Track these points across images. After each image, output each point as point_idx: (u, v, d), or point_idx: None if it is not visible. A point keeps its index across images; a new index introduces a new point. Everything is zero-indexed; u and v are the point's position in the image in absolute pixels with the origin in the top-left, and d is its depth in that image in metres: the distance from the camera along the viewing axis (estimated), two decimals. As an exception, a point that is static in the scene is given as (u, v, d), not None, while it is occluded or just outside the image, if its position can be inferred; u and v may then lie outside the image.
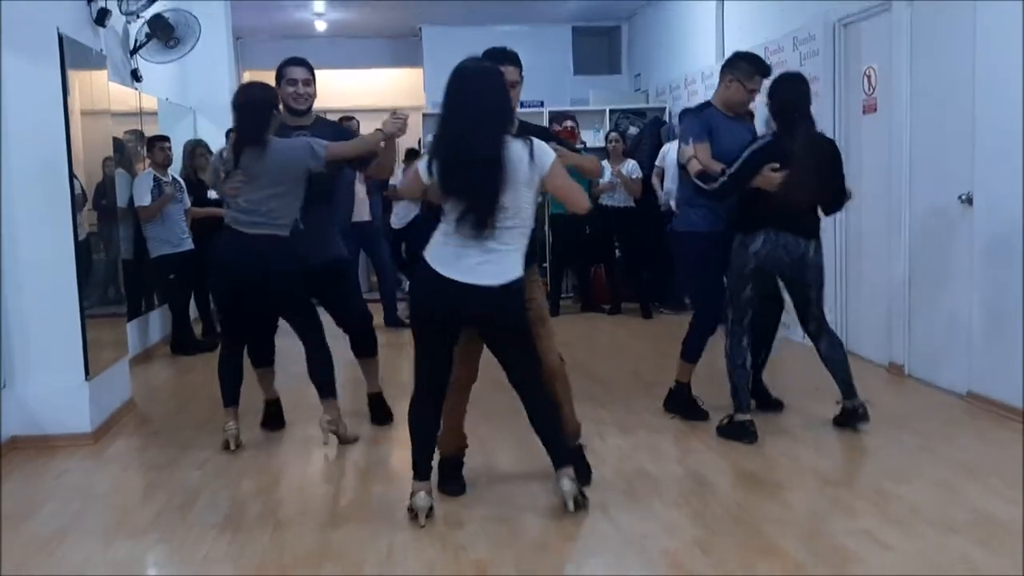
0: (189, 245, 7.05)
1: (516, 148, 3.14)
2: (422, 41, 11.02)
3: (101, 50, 5.21)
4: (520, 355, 3.34)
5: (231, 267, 4.16)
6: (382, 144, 4.23)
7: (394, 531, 3.31)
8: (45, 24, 4.45)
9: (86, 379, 4.64)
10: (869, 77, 5.80)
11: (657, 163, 8.33)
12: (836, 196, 4.39)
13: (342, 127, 4.81)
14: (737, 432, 4.26)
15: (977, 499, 3.48)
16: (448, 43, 10.88)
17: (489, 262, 3.15)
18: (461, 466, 3.75)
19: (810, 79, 6.19)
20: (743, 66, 4.52)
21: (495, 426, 4.45)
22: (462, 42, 11.13)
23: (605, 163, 8.15)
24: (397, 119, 4.17)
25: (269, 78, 13.57)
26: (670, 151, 8.20)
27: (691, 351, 4.67)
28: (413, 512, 3.33)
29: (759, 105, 4.64)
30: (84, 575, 3.07)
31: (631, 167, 8.19)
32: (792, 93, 4.21)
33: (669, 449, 4.27)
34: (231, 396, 4.42)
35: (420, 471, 3.37)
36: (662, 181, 8.22)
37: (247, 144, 4.04)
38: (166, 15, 6.75)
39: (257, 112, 4.05)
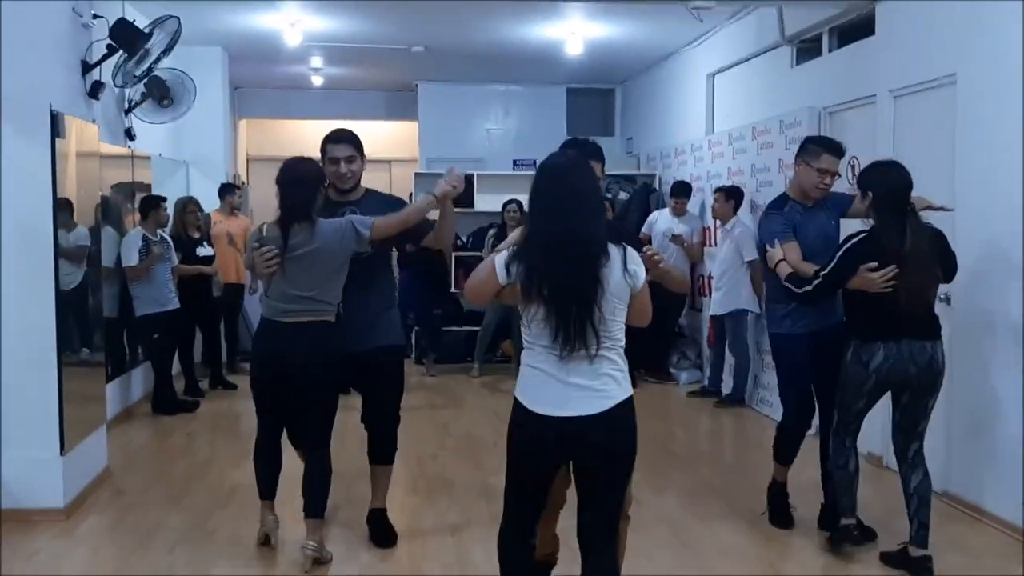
0: (175, 304, 7.05)
1: (613, 254, 2.79)
2: (418, 96, 11.12)
3: (94, 120, 5.25)
4: (608, 495, 2.88)
5: (271, 363, 3.89)
6: (434, 208, 3.91)
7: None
8: (38, 102, 4.49)
9: (60, 454, 4.62)
10: (853, 167, 5.87)
11: (643, 230, 8.40)
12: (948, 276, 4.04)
13: (396, 200, 4.31)
14: (841, 536, 4.04)
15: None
16: (444, 99, 11.07)
17: (589, 387, 2.76)
18: (549, 572, 3.48)
19: (792, 165, 6.34)
20: (809, 147, 4.25)
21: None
22: (457, 99, 11.39)
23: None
24: (453, 177, 3.81)
25: (266, 127, 13.77)
26: (658, 219, 8.31)
27: (781, 454, 4.45)
28: None
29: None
30: None
31: (619, 236, 8.24)
32: (892, 182, 3.82)
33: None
34: (268, 489, 4.10)
35: None
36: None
37: (294, 221, 3.78)
38: (162, 75, 6.80)
39: (304, 188, 3.79)
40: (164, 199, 7.08)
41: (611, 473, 2.86)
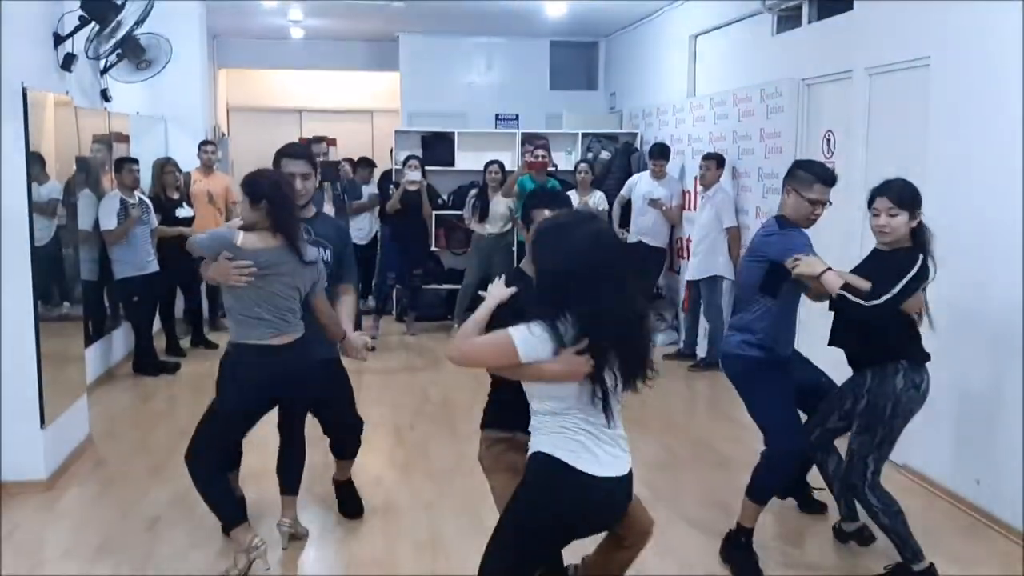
0: (154, 267, 7.08)
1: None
2: (399, 48, 11.01)
3: (67, 92, 5.21)
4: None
5: (271, 390, 3.79)
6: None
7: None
8: (9, 79, 4.46)
9: (41, 427, 4.70)
10: (829, 140, 5.91)
11: (623, 192, 8.44)
12: None
13: (346, 238, 4.30)
14: None
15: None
16: (425, 51, 10.98)
17: (617, 448, 2.70)
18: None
19: (774, 135, 6.40)
20: (800, 175, 3.90)
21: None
22: (439, 51, 11.32)
23: (572, 193, 8.24)
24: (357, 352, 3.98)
25: (246, 77, 13.58)
26: (638, 182, 8.34)
27: (760, 492, 3.97)
28: None
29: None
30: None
31: (598, 199, 8.28)
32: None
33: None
34: (240, 512, 3.89)
35: None
36: (625, 211, 8.35)
37: (297, 239, 3.68)
38: (138, 36, 6.71)
39: (291, 207, 3.70)
40: (134, 160, 7.04)
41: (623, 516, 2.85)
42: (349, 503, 4.49)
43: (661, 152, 8.12)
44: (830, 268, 3.63)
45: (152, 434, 5.70)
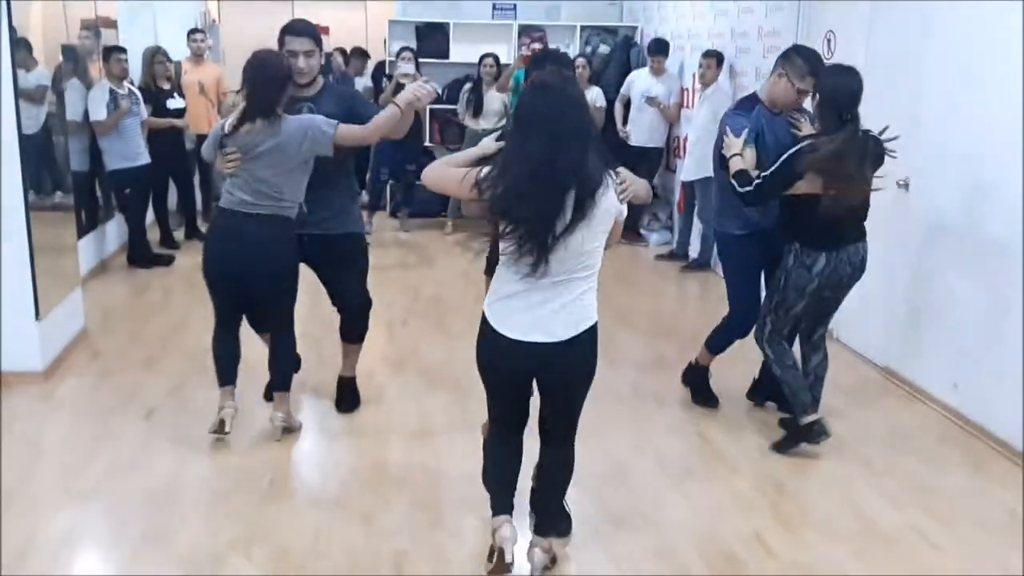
0: (146, 159, 7.04)
1: (606, 183, 2.77)
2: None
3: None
4: (568, 408, 3.03)
5: (229, 256, 3.89)
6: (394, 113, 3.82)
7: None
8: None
9: (36, 319, 4.76)
10: (829, 41, 5.80)
11: (622, 91, 8.32)
12: None
13: (351, 95, 4.37)
14: (808, 433, 4.06)
15: (868, 504, 3.75)
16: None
17: (558, 312, 2.82)
18: None
19: (773, 33, 6.28)
20: (798, 62, 4.03)
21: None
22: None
23: (569, 89, 8.12)
24: (421, 90, 3.79)
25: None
26: (636, 79, 8.21)
27: (717, 345, 4.59)
28: (497, 550, 3.06)
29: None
30: (26, 553, 3.28)
31: (595, 95, 8.15)
32: (844, 88, 3.74)
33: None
34: (227, 375, 4.12)
35: (501, 506, 3.12)
36: (626, 109, 8.24)
37: (259, 118, 3.75)
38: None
39: (272, 86, 3.74)
40: (122, 49, 6.90)
41: (572, 392, 2.99)
42: (347, 400, 4.56)
43: (659, 48, 7.97)
44: (738, 155, 3.96)
45: (147, 326, 5.77)
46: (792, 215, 3.98)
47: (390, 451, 4.12)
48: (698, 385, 4.72)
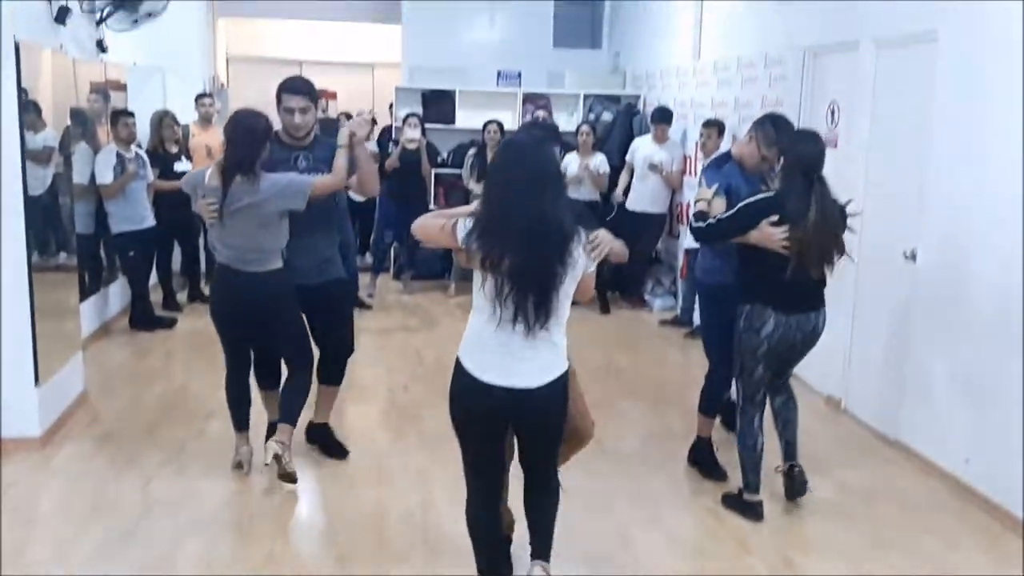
0: (151, 222, 7.06)
1: (579, 238, 2.91)
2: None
3: (61, 47, 5.13)
4: (548, 449, 3.14)
5: (234, 304, 4.16)
6: (346, 155, 4.15)
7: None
8: (3, 32, 4.38)
9: (35, 384, 4.71)
10: (833, 112, 5.84)
11: (627, 158, 8.37)
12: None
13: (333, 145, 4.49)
14: (742, 508, 4.18)
15: (880, 579, 3.66)
16: (428, 4, 10.78)
17: (534, 359, 2.92)
18: (509, 545, 3.56)
19: (776, 104, 6.32)
20: (769, 131, 4.20)
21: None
22: (442, 4, 11.09)
23: (573, 155, 8.20)
24: (353, 122, 4.17)
25: (246, 26, 13.32)
26: (640, 146, 8.27)
27: (708, 405, 4.64)
28: None
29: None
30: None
31: (599, 161, 8.20)
32: (808, 151, 3.88)
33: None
34: (241, 421, 4.44)
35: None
36: (630, 177, 8.29)
37: (236, 173, 3.95)
38: (135, -12, 6.60)
39: (249, 143, 3.96)
40: (130, 113, 6.96)
41: (549, 434, 3.09)
42: (332, 446, 4.71)
43: (663, 116, 8.04)
44: (703, 200, 4.11)
45: (147, 391, 5.71)
46: (745, 275, 4.06)
47: (389, 526, 4.03)
48: (704, 461, 4.65)
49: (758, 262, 3.94)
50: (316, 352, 4.51)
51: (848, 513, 4.21)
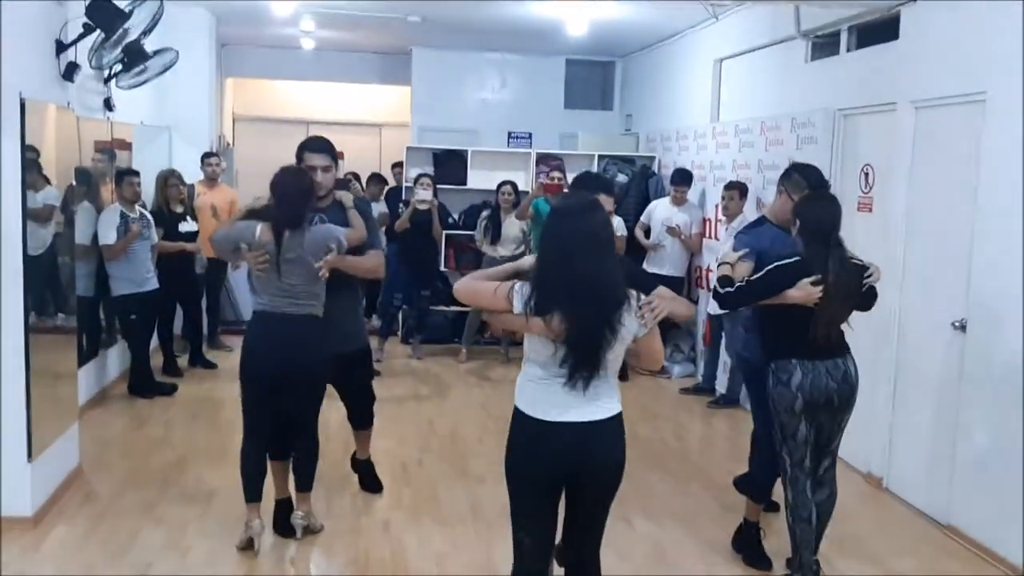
0: (154, 284, 6.79)
1: (631, 299, 2.87)
2: (412, 61, 10.75)
3: (68, 104, 4.92)
4: (599, 511, 3.04)
5: (274, 350, 4.08)
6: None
7: None
8: (8, 89, 4.17)
9: (28, 460, 4.39)
10: (867, 175, 5.63)
11: (642, 219, 8.17)
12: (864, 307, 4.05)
13: (359, 211, 4.57)
14: None
15: None
16: (438, 66, 10.72)
17: (587, 402, 2.89)
18: None
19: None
20: (795, 178, 4.21)
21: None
22: (453, 66, 11.09)
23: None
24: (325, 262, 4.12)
25: (254, 86, 13.31)
26: (656, 208, 8.07)
27: (756, 491, 4.37)
28: None
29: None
30: None
31: (616, 224, 7.94)
32: (818, 217, 3.83)
33: None
34: (254, 492, 4.25)
35: None
36: (646, 235, 8.08)
37: (287, 228, 4.04)
38: (144, 46, 6.41)
39: (298, 200, 4.07)
40: (135, 172, 6.75)
41: (603, 483, 3.00)
42: (368, 480, 5.02)
43: (683, 178, 7.84)
44: (727, 263, 4.00)
45: (145, 464, 5.38)
46: (766, 335, 3.99)
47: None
48: (749, 547, 4.33)
49: (780, 320, 3.86)
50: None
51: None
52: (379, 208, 8.84)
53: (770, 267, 3.83)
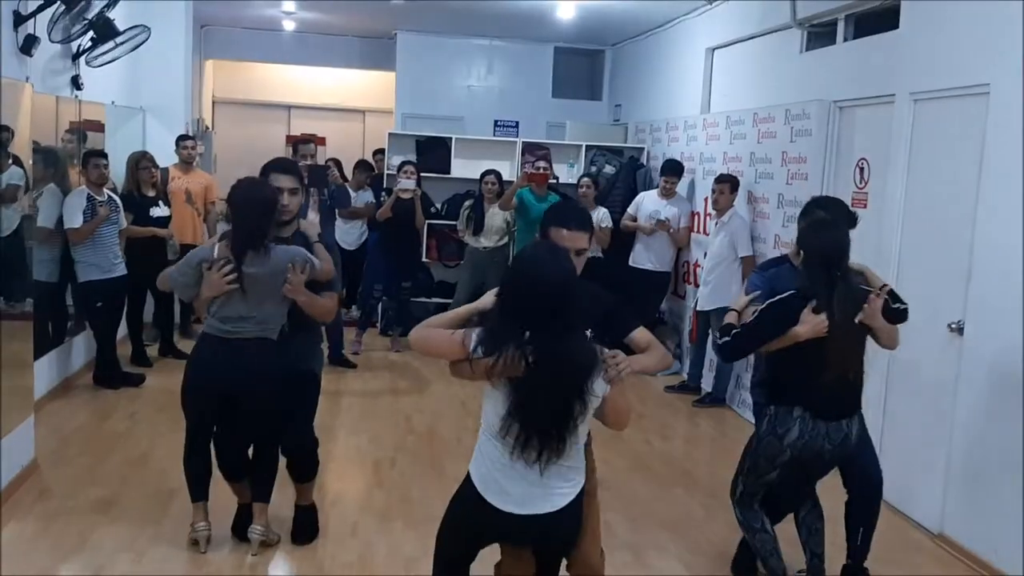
0: (121, 270, 6.53)
1: (597, 360, 2.58)
2: (396, 46, 10.49)
3: (27, 79, 4.66)
4: (558, 562, 2.86)
5: (218, 372, 3.81)
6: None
7: None
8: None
9: (-23, 456, 4.16)
10: (862, 169, 5.44)
11: (629, 210, 7.95)
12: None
13: (320, 247, 4.13)
14: None
15: None
16: (424, 51, 10.48)
17: (548, 485, 2.60)
18: None
19: (798, 160, 5.92)
20: (818, 214, 3.81)
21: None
22: (438, 51, 10.83)
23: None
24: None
25: (234, 69, 12.98)
26: (644, 200, 7.86)
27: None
28: None
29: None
30: None
31: (601, 215, 7.75)
32: (823, 246, 3.50)
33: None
34: (200, 491, 4.04)
35: None
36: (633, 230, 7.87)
37: (248, 248, 3.72)
38: (114, 20, 6.14)
39: (260, 215, 3.73)
40: (102, 154, 6.47)
41: (564, 552, 2.90)
42: (301, 530, 4.22)
43: (673, 168, 7.62)
44: (734, 310, 3.70)
45: (106, 461, 5.13)
46: (771, 374, 3.72)
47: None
48: (747, 569, 4.07)
49: (791, 361, 3.52)
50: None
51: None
52: (366, 197, 8.60)
53: (762, 307, 3.54)
